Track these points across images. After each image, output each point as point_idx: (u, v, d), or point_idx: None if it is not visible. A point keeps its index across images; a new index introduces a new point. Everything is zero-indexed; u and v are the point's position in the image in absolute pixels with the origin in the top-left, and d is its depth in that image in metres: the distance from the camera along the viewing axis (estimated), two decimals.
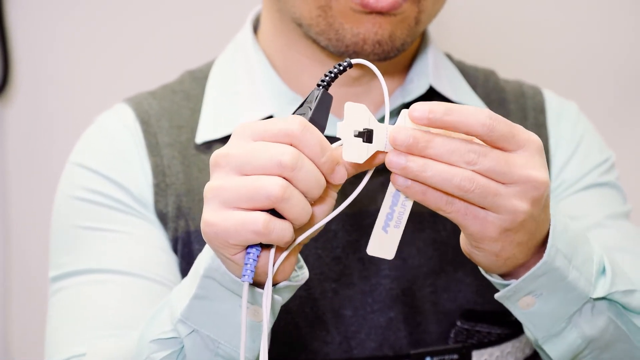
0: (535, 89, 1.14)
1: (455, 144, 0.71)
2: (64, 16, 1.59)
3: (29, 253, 1.62)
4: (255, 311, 0.77)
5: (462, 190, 0.71)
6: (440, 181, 0.71)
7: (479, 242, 0.75)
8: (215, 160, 0.72)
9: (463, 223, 0.73)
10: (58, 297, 0.99)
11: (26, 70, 1.59)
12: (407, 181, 0.72)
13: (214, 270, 0.76)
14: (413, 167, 0.71)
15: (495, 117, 0.71)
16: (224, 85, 1.06)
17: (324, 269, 0.99)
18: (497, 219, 0.72)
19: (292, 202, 0.70)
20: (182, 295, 0.80)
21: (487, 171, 0.71)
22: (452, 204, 0.72)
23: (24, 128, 1.61)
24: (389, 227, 0.76)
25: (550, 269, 0.78)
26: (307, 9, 0.96)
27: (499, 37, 1.67)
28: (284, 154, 0.70)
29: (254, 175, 0.70)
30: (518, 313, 0.81)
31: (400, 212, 0.75)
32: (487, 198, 0.71)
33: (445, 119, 0.70)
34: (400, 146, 0.71)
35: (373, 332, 0.99)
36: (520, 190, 0.72)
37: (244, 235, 0.70)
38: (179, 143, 1.03)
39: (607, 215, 1.06)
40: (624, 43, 1.69)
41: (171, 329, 0.80)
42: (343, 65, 0.74)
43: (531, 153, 0.73)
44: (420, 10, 0.97)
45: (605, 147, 1.13)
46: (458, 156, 0.70)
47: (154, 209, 1.01)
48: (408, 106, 1.04)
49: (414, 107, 0.71)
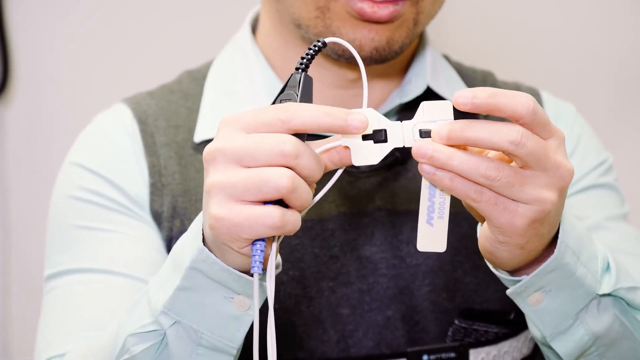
0: (533, 90, 1.14)
1: (499, 124, 0.71)
2: (64, 17, 1.59)
3: (29, 253, 1.62)
4: (241, 302, 0.77)
5: (488, 178, 0.71)
6: (467, 169, 0.71)
7: (506, 234, 0.74)
8: (210, 155, 0.72)
9: (492, 214, 0.73)
10: (50, 296, 0.99)
11: (26, 71, 1.60)
12: (433, 168, 0.71)
13: (201, 262, 0.76)
14: (439, 157, 0.71)
15: (536, 102, 0.71)
16: (223, 84, 1.06)
17: (320, 267, 1.00)
18: (526, 209, 0.72)
19: (300, 191, 0.71)
20: (162, 287, 0.80)
21: (527, 154, 0.71)
22: (481, 192, 0.72)
23: (23, 128, 1.61)
24: (434, 220, 0.75)
25: (560, 264, 0.78)
26: (306, 9, 0.96)
27: (497, 38, 1.67)
28: (285, 143, 0.70)
29: (258, 167, 0.70)
30: (527, 310, 0.82)
31: (440, 202, 0.75)
32: (515, 187, 0.71)
33: (490, 101, 0.70)
34: (440, 139, 0.71)
35: (370, 331, 0.99)
36: (549, 180, 0.73)
37: (259, 229, 0.70)
38: (175, 143, 1.03)
39: (606, 217, 1.07)
40: (622, 44, 1.69)
41: (151, 321, 0.80)
42: (318, 45, 0.74)
43: (559, 142, 0.74)
44: (418, 11, 0.97)
45: (602, 148, 1.13)
46: (501, 136, 0.70)
47: (149, 208, 1.01)
48: (406, 107, 1.06)
49: (458, 94, 0.71)
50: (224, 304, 0.78)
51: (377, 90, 1.06)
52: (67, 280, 0.98)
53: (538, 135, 0.72)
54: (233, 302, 0.77)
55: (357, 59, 0.75)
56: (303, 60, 0.74)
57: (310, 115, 0.71)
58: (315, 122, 0.71)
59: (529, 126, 0.72)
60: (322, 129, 0.71)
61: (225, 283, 0.76)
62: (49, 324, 0.97)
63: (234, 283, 0.76)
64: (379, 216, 1.01)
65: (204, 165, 0.73)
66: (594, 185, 1.09)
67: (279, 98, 0.74)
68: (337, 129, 0.71)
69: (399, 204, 1.02)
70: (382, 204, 1.02)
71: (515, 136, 0.70)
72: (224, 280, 0.76)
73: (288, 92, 0.74)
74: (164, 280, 0.80)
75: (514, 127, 0.71)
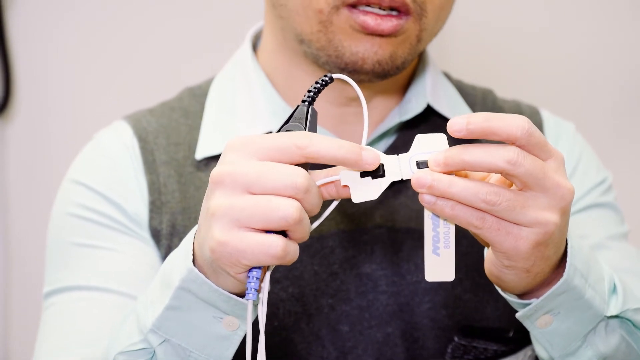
0: (533, 109, 1.15)
1: (495, 146, 0.71)
2: (66, 34, 1.60)
3: (30, 268, 1.62)
4: (230, 322, 0.78)
5: (489, 203, 0.71)
6: (467, 196, 0.71)
7: (511, 259, 0.75)
8: (219, 177, 0.72)
9: (496, 239, 0.73)
10: (48, 313, 0.99)
11: (28, 88, 1.60)
12: (433, 197, 0.72)
13: (190, 282, 0.76)
14: (439, 185, 0.71)
15: (532, 124, 0.72)
16: (224, 102, 1.07)
17: (320, 284, 1.00)
18: (529, 232, 0.73)
19: (304, 223, 0.71)
20: (152, 305, 0.80)
21: (525, 174, 0.71)
22: (483, 219, 0.72)
23: (25, 145, 1.61)
24: (440, 249, 0.75)
25: (570, 287, 0.79)
26: (309, 24, 0.97)
27: (497, 56, 1.68)
28: (298, 175, 0.70)
29: (266, 195, 0.70)
30: (536, 332, 0.82)
31: (445, 232, 0.75)
32: (516, 210, 0.72)
33: (484, 125, 0.71)
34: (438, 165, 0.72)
35: (370, 348, 0.99)
36: (549, 201, 0.73)
37: (261, 257, 0.71)
38: (175, 161, 1.03)
39: (608, 237, 1.07)
40: (622, 61, 1.69)
41: (141, 339, 0.80)
42: (325, 80, 0.75)
43: (559, 163, 0.74)
44: (422, 28, 0.97)
45: (602, 167, 1.13)
46: (499, 157, 0.70)
47: (148, 226, 1.01)
48: (406, 125, 1.06)
49: (453, 122, 0.71)
50: (213, 324, 0.78)
51: (378, 108, 1.06)
52: (64, 297, 0.98)
53: (536, 156, 0.72)
54: (222, 322, 0.78)
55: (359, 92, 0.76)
56: (310, 93, 0.75)
57: (327, 146, 0.71)
58: (331, 153, 0.71)
59: (525, 148, 0.72)
60: (335, 160, 0.72)
61: (214, 303, 0.77)
62: (45, 340, 0.97)
63: (224, 304, 0.77)
64: (378, 233, 1.01)
65: (210, 186, 0.72)
66: (595, 204, 1.09)
67: (285, 128, 0.75)
68: (350, 163, 0.72)
69: (399, 221, 1.02)
70: (381, 222, 1.02)
71: (512, 155, 0.70)
72: (213, 301, 0.76)
73: (294, 124, 0.75)
74: (153, 298, 0.80)
75: (510, 147, 0.71)
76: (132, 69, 1.61)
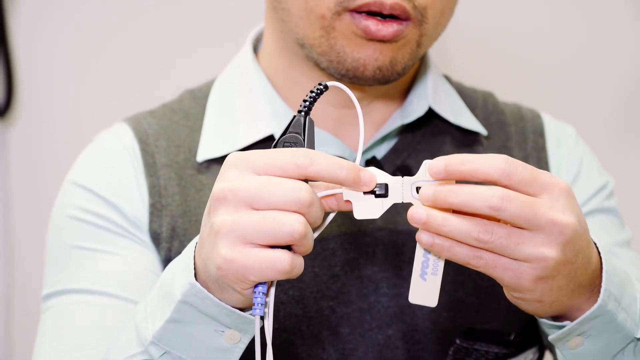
0: (534, 112, 1.15)
1: (480, 189, 0.71)
2: (67, 37, 1.60)
3: (32, 269, 1.62)
4: (232, 335, 0.78)
5: (481, 242, 0.71)
6: (460, 235, 0.71)
7: (517, 291, 0.75)
8: (222, 193, 0.72)
9: (496, 275, 0.73)
10: (46, 316, 0.99)
11: (30, 91, 1.61)
12: (431, 238, 0.72)
13: (192, 296, 0.76)
14: (433, 222, 0.72)
15: (512, 162, 0.71)
16: (224, 104, 1.06)
17: (321, 287, 0.99)
18: (528, 267, 0.72)
19: (308, 237, 0.72)
20: (151, 317, 0.80)
21: (512, 216, 0.71)
22: (480, 257, 0.73)
23: (27, 147, 1.62)
24: (427, 275, 0.76)
25: (603, 312, 0.79)
26: (311, 29, 0.97)
27: (498, 59, 1.68)
28: (301, 190, 0.71)
29: (271, 211, 0.71)
30: (566, 353, 0.82)
31: (435, 260, 0.76)
32: (510, 247, 0.71)
33: (461, 168, 0.71)
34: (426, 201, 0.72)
35: (370, 350, 0.99)
36: (546, 237, 0.72)
37: (269, 273, 0.71)
38: (176, 163, 1.03)
39: (614, 243, 1.07)
40: (623, 64, 1.70)
41: (141, 350, 0.81)
42: (319, 88, 0.75)
43: (555, 196, 0.73)
44: (422, 33, 0.97)
45: (603, 171, 1.13)
46: (482, 201, 0.70)
47: (148, 229, 1.01)
48: (407, 128, 1.06)
49: (432, 163, 0.72)
50: (214, 337, 0.78)
51: (379, 111, 1.06)
52: (62, 300, 0.98)
53: (524, 193, 0.72)
54: (223, 335, 0.78)
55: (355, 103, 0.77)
56: (305, 102, 0.75)
57: (327, 165, 0.72)
58: (330, 173, 0.72)
59: (510, 187, 0.72)
60: (334, 180, 0.72)
61: (216, 317, 0.77)
62: (43, 343, 0.97)
63: (226, 318, 0.77)
64: (380, 236, 1.01)
65: (213, 203, 0.73)
66: (599, 209, 1.09)
67: (283, 140, 0.75)
68: (349, 183, 0.73)
69: (401, 223, 1.02)
70: (383, 224, 1.02)
71: (494, 202, 0.70)
72: (215, 315, 0.77)
73: (293, 135, 0.75)
74: (153, 310, 0.80)
75: (495, 190, 0.71)
76: (133, 71, 1.61)
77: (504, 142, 1.09)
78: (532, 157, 1.09)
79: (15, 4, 1.57)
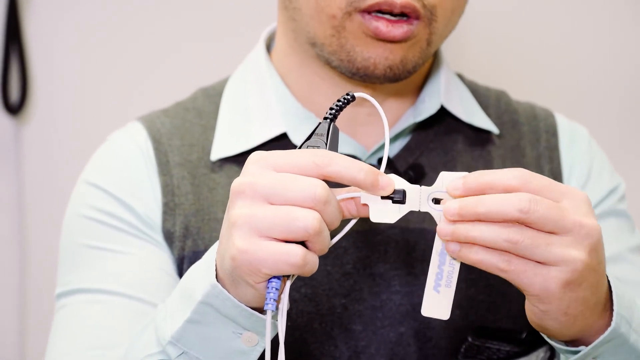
0: (547, 112, 1.14)
1: (506, 195, 0.72)
2: (82, 36, 1.61)
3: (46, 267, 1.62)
4: (250, 337, 0.79)
5: (512, 241, 0.71)
6: (489, 238, 0.72)
7: (544, 302, 0.74)
8: (239, 187, 0.73)
9: (525, 282, 0.73)
10: (59, 315, 1.00)
11: (44, 89, 1.61)
12: (458, 246, 0.73)
13: (213, 297, 0.76)
14: (461, 230, 0.73)
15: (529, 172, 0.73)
16: (238, 102, 1.07)
17: (333, 284, 1.00)
18: (557, 271, 0.72)
19: (324, 235, 0.72)
20: (171, 317, 0.81)
21: (540, 218, 0.71)
22: (509, 261, 0.73)
23: (42, 146, 1.62)
24: (440, 287, 0.76)
25: (617, 335, 0.79)
26: (322, 28, 0.97)
27: (511, 58, 1.68)
28: (317, 186, 0.71)
29: (287, 206, 0.71)
30: None
31: (449, 272, 0.76)
32: (540, 247, 0.72)
33: (480, 180, 0.73)
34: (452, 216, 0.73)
35: (383, 347, 0.99)
36: (574, 239, 0.72)
37: (281, 266, 0.71)
38: (189, 162, 1.04)
39: (627, 248, 1.07)
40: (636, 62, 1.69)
41: (159, 350, 0.81)
42: (347, 98, 0.77)
43: (576, 202, 0.74)
44: (431, 32, 0.97)
45: (614, 173, 1.13)
46: (511, 206, 0.71)
47: (161, 228, 1.01)
48: (420, 126, 1.06)
49: (450, 185, 0.74)
50: (232, 339, 0.79)
51: (391, 109, 1.06)
52: (75, 299, 0.99)
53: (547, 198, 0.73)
54: (241, 337, 0.79)
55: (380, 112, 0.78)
56: (332, 110, 0.77)
57: (346, 166, 0.73)
58: (349, 175, 0.73)
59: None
60: (353, 181, 0.73)
61: (235, 319, 0.77)
62: (56, 342, 0.98)
63: (245, 320, 0.77)
64: (392, 234, 1.01)
65: (231, 197, 0.74)
66: (610, 212, 1.09)
67: (306, 144, 0.76)
68: (367, 186, 0.74)
69: (413, 222, 1.02)
70: (395, 222, 1.02)
71: (523, 205, 0.71)
72: (234, 316, 0.77)
73: (316, 139, 0.76)
74: (172, 311, 0.81)
75: (521, 195, 0.72)
76: (147, 70, 1.62)
77: (516, 141, 1.09)
78: (545, 157, 1.09)
79: (30, 2, 1.58)
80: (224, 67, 1.26)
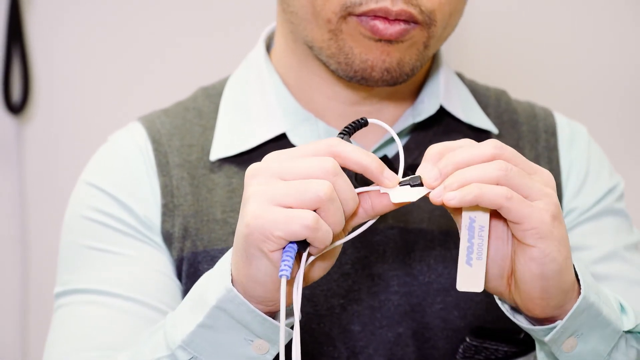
0: (547, 111, 1.14)
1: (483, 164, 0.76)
2: (84, 35, 1.61)
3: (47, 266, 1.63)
4: (260, 345, 0.79)
5: (503, 169, 0.75)
6: (481, 173, 0.75)
7: (543, 235, 0.76)
8: (253, 171, 0.75)
9: (525, 212, 0.75)
10: (57, 314, 1.00)
11: (46, 89, 1.61)
12: (460, 192, 0.75)
13: (228, 301, 0.77)
14: (452, 184, 0.75)
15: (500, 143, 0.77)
16: (238, 102, 1.07)
17: (331, 285, 1.00)
18: (544, 204, 0.76)
19: (336, 205, 0.74)
20: (182, 321, 0.81)
21: (513, 155, 0.77)
22: (511, 197, 0.74)
23: (43, 145, 1.63)
24: (472, 260, 0.78)
25: (588, 304, 0.80)
26: (319, 32, 0.97)
27: (511, 57, 1.68)
28: (327, 160, 0.74)
29: (300, 180, 0.74)
30: (563, 357, 0.83)
31: (479, 244, 0.78)
32: (526, 178, 0.75)
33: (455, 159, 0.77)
34: (439, 179, 0.77)
35: (381, 347, 1.00)
36: (542, 178, 0.78)
37: (293, 227, 0.72)
38: (188, 162, 1.04)
39: (624, 246, 1.07)
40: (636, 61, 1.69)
41: (168, 354, 0.81)
42: (360, 121, 0.80)
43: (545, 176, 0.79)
44: (429, 35, 0.97)
45: (613, 171, 1.13)
46: (485, 148, 0.77)
47: (160, 229, 1.01)
48: (419, 126, 1.06)
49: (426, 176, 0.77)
50: (243, 346, 0.79)
51: (390, 109, 1.06)
52: (73, 299, 0.99)
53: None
54: (252, 344, 0.79)
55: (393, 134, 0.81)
56: (346, 129, 0.80)
57: (353, 149, 0.75)
58: (357, 157, 0.75)
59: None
60: (360, 165, 0.75)
61: (248, 325, 0.78)
62: (54, 341, 0.98)
63: (258, 326, 0.78)
64: (390, 234, 1.02)
65: (245, 180, 0.76)
66: (609, 210, 1.09)
67: None
68: (372, 172, 0.76)
69: (411, 222, 1.02)
70: (394, 222, 1.02)
71: (496, 144, 0.76)
72: (247, 322, 0.77)
73: None
74: (182, 317, 0.81)
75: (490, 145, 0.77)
76: (149, 69, 1.62)
77: (515, 141, 1.09)
78: (543, 157, 1.09)
79: (32, 2, 1.58)
80: (224, 66, 1.26)
